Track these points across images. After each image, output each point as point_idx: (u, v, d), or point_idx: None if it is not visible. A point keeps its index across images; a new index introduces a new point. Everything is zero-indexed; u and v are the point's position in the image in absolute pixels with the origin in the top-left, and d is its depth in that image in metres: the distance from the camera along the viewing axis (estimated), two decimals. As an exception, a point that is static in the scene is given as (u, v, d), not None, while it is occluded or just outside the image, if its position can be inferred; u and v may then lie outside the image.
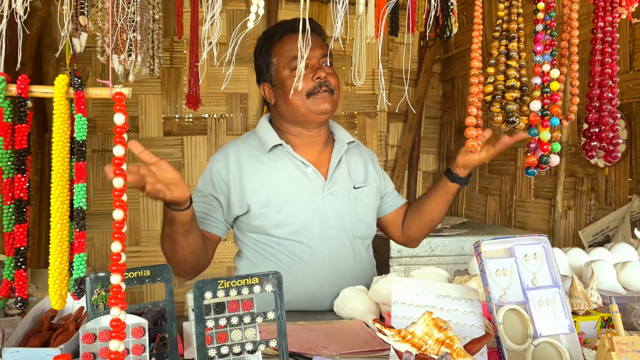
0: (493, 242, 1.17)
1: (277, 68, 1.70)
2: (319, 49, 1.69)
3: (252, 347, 0.90)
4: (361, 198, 1.75)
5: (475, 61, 1.03)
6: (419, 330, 0.93)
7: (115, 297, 0.67)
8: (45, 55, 3.26)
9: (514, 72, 1.07)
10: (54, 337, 1.18)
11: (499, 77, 1.08)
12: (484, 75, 1.09)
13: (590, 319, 1.30)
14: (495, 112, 1.09)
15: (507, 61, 1.08)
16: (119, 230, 0.67)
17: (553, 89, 1.07)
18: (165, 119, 3.67)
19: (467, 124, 1.07)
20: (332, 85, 1.68)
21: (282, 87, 1.69)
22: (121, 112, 0.69)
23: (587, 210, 2.52)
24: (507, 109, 1.08)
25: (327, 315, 1.56)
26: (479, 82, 1.05)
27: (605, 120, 1.08)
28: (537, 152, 1.12)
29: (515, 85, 1.08)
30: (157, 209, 3.67)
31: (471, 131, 1.05)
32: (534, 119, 1.10)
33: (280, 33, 1.72)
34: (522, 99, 1.11)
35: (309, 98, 1.65)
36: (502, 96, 1.10)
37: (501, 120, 1.10)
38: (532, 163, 1.12)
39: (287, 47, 1.68)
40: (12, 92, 0.69)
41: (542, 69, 1.07)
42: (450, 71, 3.97)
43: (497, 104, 1.09)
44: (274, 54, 1.71)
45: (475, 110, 1.04)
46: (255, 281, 0.91)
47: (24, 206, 0.71)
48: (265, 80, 1.76)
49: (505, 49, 1.08)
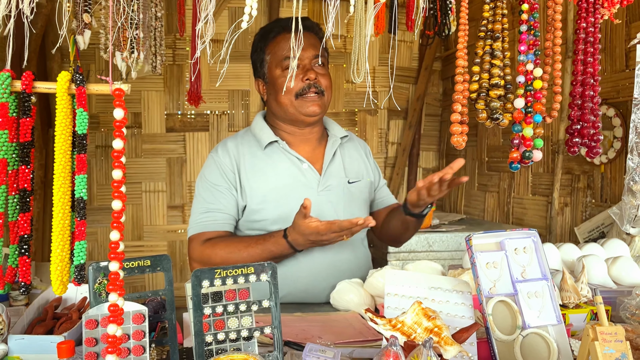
0: (484, 235, 1.20)
1: (270, 66, 1.73)
2: (312, 50, 1.70)
3: (248, 334, 0.94)
4: (355, 192, 1.78)
5: (460, 60, 1.06)
6: (409, 319, 0.97)
7: (113, 283, 0.71)
8: (49, 52, 3.30)
9: (498, 70, 1.10)
10: (57, 326, 1.22)
11: (484, 75, 1.11)
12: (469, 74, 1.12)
13: (580, 312, 1.33)
14: (480, 109, 1.12)
15: (491, 60, 1.11)
16: (117, 220, 0.70)
17: (536, 87, 1.10)
18: (168, 115, 3.71)
19: (452, 120, 1.10)
20: (322, 86, 1.69)
21: (273, 86, 1.72)
22: (120, 107, 0.72)
23: (583, 207, 2.55)
24: (491, 106, 1.12)
25: (324, 308, 1.59)
26: (464, 80, 1.08)
27: (587, 117, 1.11)
28: (521, 147, 1.15)
29: (499, 84, 1.11)
30: (159, 204, 3.71)
31: (456, 127, 1.08)
32: (517, 116, 1.13)
33: (275, 32, 1.74)
34: (506, 97, 1.15)
35: (298, 99, 1.67)
36: (486, 94, 1.13)
37: (485, 117, 1.14)
38: (515, 158, 1.16)
39: (280, 46, 1.70)
40: (17, 88, 0.73)
41: (526, 67, 1.10)
42: (451, 69, 3.99)
43: (482, 101, 1.12)
44: (268, 52, 1.74)
45: (460, 107, 1.07)
46: (251, 270, 0.94)
47: (28, 196, 0.74)
48: (259, 76, 1.79)
49: (490, 49, 1.12)
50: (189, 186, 3.74)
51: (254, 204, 1.67)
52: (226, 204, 1.68)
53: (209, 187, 1.71)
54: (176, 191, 3.74)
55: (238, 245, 1.60)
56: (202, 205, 1.69)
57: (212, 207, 1.68)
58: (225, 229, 1.68)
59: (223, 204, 1.68)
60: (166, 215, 3.73)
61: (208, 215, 1.67)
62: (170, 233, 3.74)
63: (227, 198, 1.68)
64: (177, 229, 3.74)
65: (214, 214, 1.67)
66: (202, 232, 1.66)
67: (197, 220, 1.68)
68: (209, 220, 1.66)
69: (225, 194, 1.68)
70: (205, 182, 1.72)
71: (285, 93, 1.67)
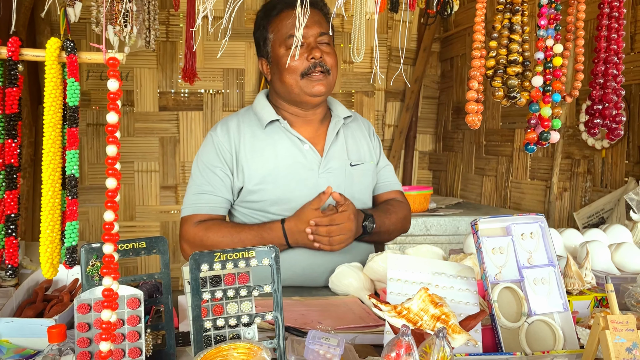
0: (490, 220, 1.17)
1: (273, 45, 1.67)
2: (317, 27, 1.63)
3: (248, 320, 0.90)
4: (357, 175, 1.74)
5: (478, 34, 1.00)
6: (415, 306, 0.93)
7: (107, 266, 0.66)
8: (39, 26, 3.21)
9: (517, 46, 1.05)
10: (48, 308, 1.18)
11: (502, 51, 1.05)
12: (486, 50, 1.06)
13: (583, 299, 1.31)
14: (497, 87, 1.07)
15: (510, 35, 1.05)
16: (111, 199, 0.65)
17: (556, 64, 1.05)
18: (161, 93, 3.63)
19: (468, 98, 1.05)
20: (328, 65, 1.63)
21: (277, 65, 1.66)
22: (115, 77, 0.67)
23: (583, 192, 2.53)
24: (508, 84, 1.06)
25: (322, 291, 1.56)
26: (481, 55, 1.03)
27: (609, 97, 1.07)
28: (537, 128, 1.11)
29: (517, 60, 1.06)
30: (152, 184, 3.66)
31: (472, 105, 1.03)
32: (535, 94, 1.08)
33: (278, 9, 1.67)
34: (523, 74, 1.09)
35: (303, 79, 1.62)
36: (503, 71, 1.07)
37: (502, 95, 1.08)
38: (532, 139, 1.11)
39: (284, 23, 1.64)
40: (2, 55, 0.67)
41: (546, 43, 1.05)
42: (450, 50, 3.93)
43: (499, 78, 1.06)
44: (271, 29, 1.67)
45: (477, 84, 1.02)
46: (252, 254, 0.90)
47: (15, 172, 0.69)
48: (263, 55, 1.73)
49: (508, 23, 1.06)
50: (182, 166, 3.69)
51: (251, 185, 1.63)
52: (220, 187, 1.65)
53: (204, 169, 1.67)
54: (169, 171, 3.68)
55: (231, 230, 1.59)
56: (196, 187, 1.66)
57: (206, 189, 1.65)
58: (218, 213, 1.65)
59: (217, 187, 1.65)
60: (159, 196, 3.68)
61: (201, 197, 1.64)
62: (163, 214, 3.69)
63: (222, 181, 1.65)
64: (170, 209, 3.69)
65: (207, 197, 1.64)
66: (194, 214, 1.63)
67: (190, 202, 1.65)
68: (203, 203, 1.64)
69: (220, 177, 1.65)
70: (200, 163, 1.69)
71: (290, 73, 1.62)
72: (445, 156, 3.96)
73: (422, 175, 4.16)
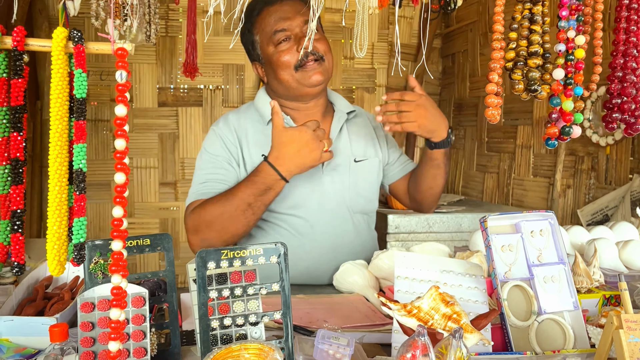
0: (499, 217, 1.15)
1: (262, 45, 1.63)
2: (300, 17, 1.59)
3: (256, 319, 0.88)
4: (362, 172, 1.72)
5: (497, 24, 0.97)
6: (425, 304, 0.91)
7: (116, 264, 0.64)
8: (37, 21, 3.17)
9: (538, 37, 1.02)
10: (49, 306, 1.16)
11: (522, 42, 1.03)
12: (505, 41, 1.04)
13: (592, 297, 1.30)
14: (517, 80, 1.04)
15: (530, 26, 1.02)
16: (120, 195, 0.63)
17: (578, 56, 1.02)
18: (160, 89, 3.60)
19: (487, 91, 1.02)
20: (320, 52, 1.60)
21: (270, 64, 1.63)
22: (123, 68, 0.65)
23: (587, 189, 2.51)
24: (529, 76, 1.03)
25: (326, 289, 1.54)
26: (501, 47, 1.00)
27: (628, 91, 1.04)
28: (559, 122, 1.08)
29: (538, 52, 1.03)
30: (151, 180, 3.63)
31: (492, 98, 1.00)
32: (556, 88, 1.05)
33: (257, 8, 1.63)
34: (543, 67, 1.07)
35: (298, 71, 1.59)
36: (524, 63, 1.05)
37: (522, 88, 1.06)
38: (553, 134, 1.08)
39: (266, 21, 1.60)
40: (7, 45, 0.65)
41: (567, 35, 1.02)
42: (451, 46, 3.91)
43: (519, 71, 1.04)
44: (256, 31, 1.64)
45: (496, 76, 0.99)
46: (259, 252, 0.88)
47: (21, 167, 0.67)
48: (255, 59, 1.70)
49: (529, 13, 1.03)
50: (181, 163, 3.66)
51: (255, 181, 1.61)
52: (226, 175, 1.61)
53: (209, 159, 1.63)
54: (168, 168, 3.65)
55: (226, 195, 1.49)
56: (201, 176, 1.62)
57: (211, 177, 1.60)
58: None
59: (222, 174, 1.61)
60: (158, 192, 3.65)
61: (206, 185, 1.59)
62: (162, 210, 3.66)
63: (227, 169, 1.61)
64: (169, 206, 3.66)
65: (212, 184, 1.59)
66: (197, 200, 1.57)
67: (194, 190, 1.60)
68: (207, 190, 1.57)
69: (225, 165, 1.61)
70: (205, 154, 1.65)
71: (283, 68, 1.59)
72: (446, 153, 3.94)
73: (423, 172, 4.14)
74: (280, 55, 1.57)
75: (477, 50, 3.53)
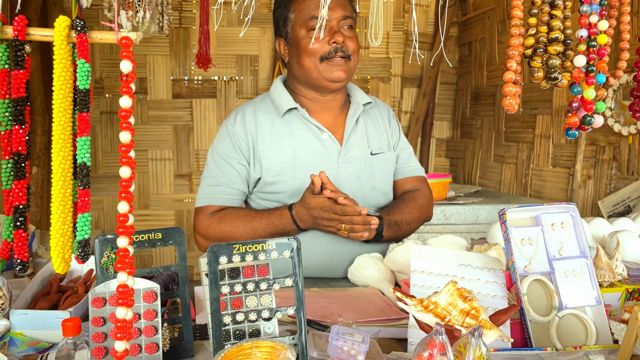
0: (519, 210, 1.12)
1: (294, 25, 1.61)
2: (341, 10, 1.57)
3: (269, 314, 0.86)
4: (378, 165, 1.68)
5: (516, 10, 0.93)
6: (443, 300, 0.88)
7: (122, 261, 0.62)
8: (51, 13, 3.18)
9: (559, 22, 0.98)
10: (62, 300, 1.15)
11: (542, 28, 0.98)
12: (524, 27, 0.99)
13: (614, 291, 1.26)
14: (536, 68, 1.00)
15: (551, 11, 0.98)
16: (126, 189, 0.61)
17: (600, 42, 0.97)
18: (174, 81, 3.60)
19: (505, 79, 0.98)
20: (349, 50, 1.58)
21: (296, 47, 1.60)
22: (127, 59, 0.62)
23: (608, 180, 2.45)
24: (549, 64, 0.99)
25: (341, 283, 1.52)
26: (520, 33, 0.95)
27: (656, 79, 1.00)
28: (580, 111, 1.04)
29: (559, 38, 0.98)
30: (166, 172, 3.64)
31: (510, 87, 0.96)
32: (577, 75, 1.01)
33: None
34: (564, 54, 1.02)
35: (323, 63, 1.56)
36: (544, 50, 1.00)
37: (542, 76, 1.01)
38: (573, 124, 1.04)
39: (307, 4, 1.58)
40: (8, 35, 0.63)
41: (589, 20, 0.98)
42: (468, 35, 3.84)
43: (539, 58, 0.99)
44: (293, 9, 1.61)
45: (515, 64, 0.95)
46: (272, 246, 0.86)
47: (23, 161, 0.65)
48: (281, 35, 1.67)
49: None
50: (196, 154, 3.66)
51: (269, 177, 1.59)
52: (236, 179, 1.62)
53: (219, 160, 1.63)
54: (183, 159, 3.66)
55: (243, 219, 1.56)
56: (211, 178, 1.63)
57: (222, 181, 1.61)
58: (232, 204, 1.62)
59: (232, 179, 1.61)
60: (173, 184, 3.66)
61: (216, 189, 1.61)
62: (177, 202, 3.67)
63: (238, 172, 1.62)
64: (184, 197, 3.67)
65: (222, 188, 1.61)
66: (209, 205, 1.61)
67: (205, 193, 1.62)
68: (217, 194, 1.61)
69: (235, 168, 1.61)
70: (216, 154, 1.65)
71: (309, 55, 1.56)
72: (463, 143, 3.88)
73: (439, 163, 4.09)
74: (309, 42, 1.55)
75: (494, 38, 3.46)
